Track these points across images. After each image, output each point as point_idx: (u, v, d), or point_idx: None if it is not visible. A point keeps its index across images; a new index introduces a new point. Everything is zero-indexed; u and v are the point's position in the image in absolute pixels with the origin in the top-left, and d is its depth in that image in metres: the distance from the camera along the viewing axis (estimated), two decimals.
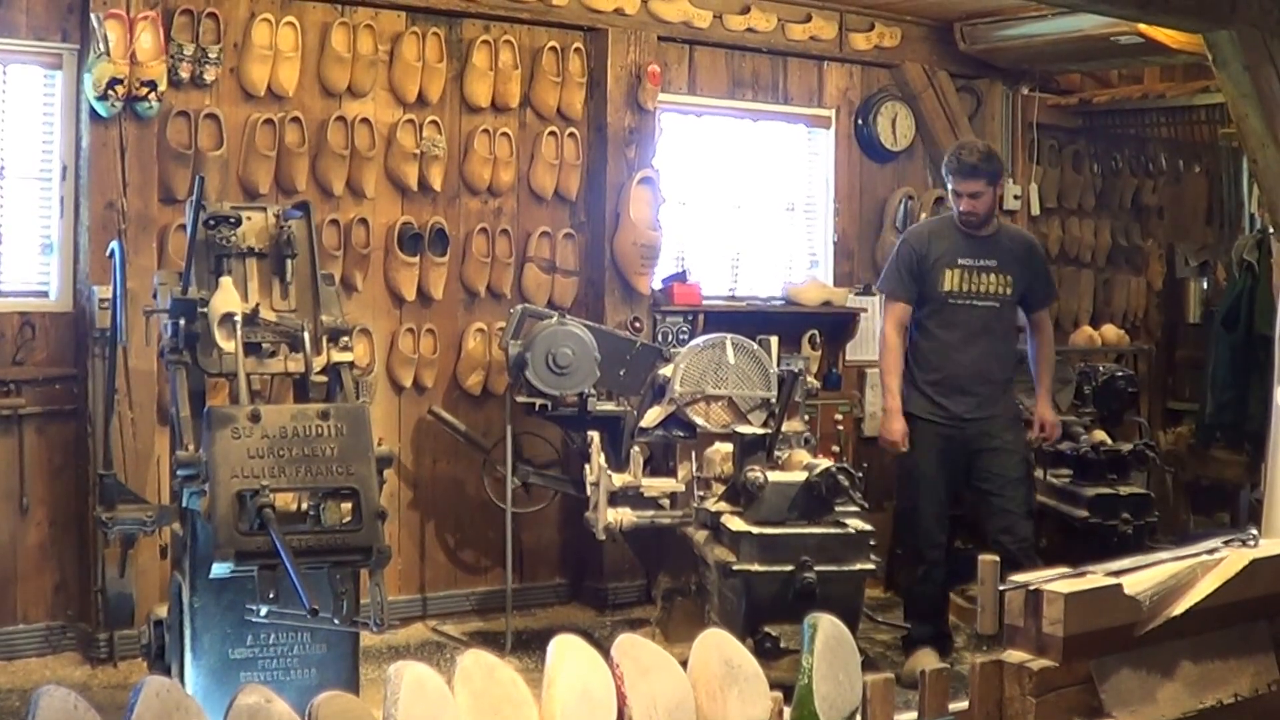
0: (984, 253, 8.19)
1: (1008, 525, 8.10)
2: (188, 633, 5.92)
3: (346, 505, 5.71)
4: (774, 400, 7.84)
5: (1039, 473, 9.19)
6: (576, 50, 9.45)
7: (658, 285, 9.77)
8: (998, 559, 4.10)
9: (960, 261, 8.18)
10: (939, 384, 8.21)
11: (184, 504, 5.92)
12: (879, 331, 8.55)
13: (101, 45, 7.66)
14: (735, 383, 8.01)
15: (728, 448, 7.58)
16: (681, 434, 8.05)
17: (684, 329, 9.68)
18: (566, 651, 3.68)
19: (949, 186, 8.27)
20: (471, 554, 9.39)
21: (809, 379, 8.29)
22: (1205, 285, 12.18)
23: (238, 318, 6.07)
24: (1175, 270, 12.39)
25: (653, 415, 8.08)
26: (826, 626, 3.97)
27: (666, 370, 8.11)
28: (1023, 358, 8.60)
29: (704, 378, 7.99)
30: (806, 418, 8.60)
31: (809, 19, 10.28)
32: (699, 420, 8.00)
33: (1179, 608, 4.11)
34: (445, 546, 9.31)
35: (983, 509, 8.33)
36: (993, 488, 8.18)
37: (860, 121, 10.79)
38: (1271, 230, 8.57)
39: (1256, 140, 8.03)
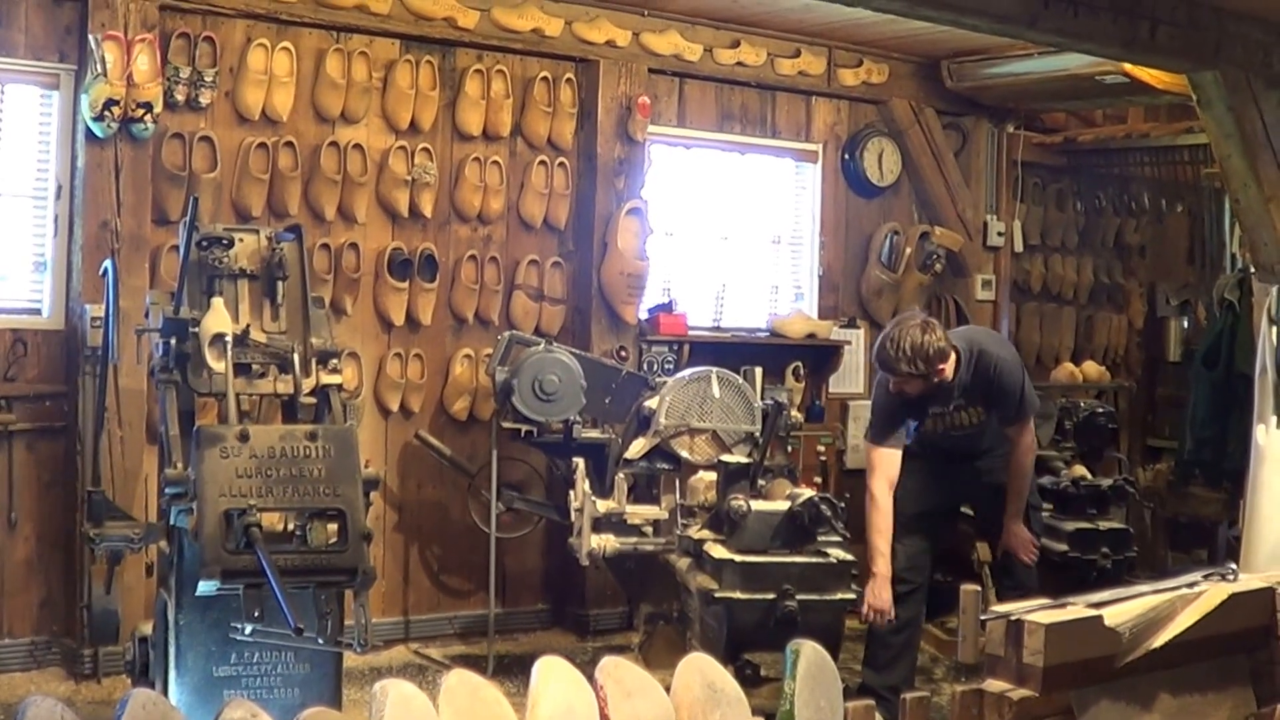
0: (950, 398, 7.88)
1: (1008, 567, 8.08)
2: (172, 650, 5.93)
3: (332, 526, 5.74)
4: (758, 434, 7.84)
5: None
6: (568, 81, 9.52)
7: (644, 315, 9.81)
8: (979, 589, 4.14)
9: (932, 410, 7.92)
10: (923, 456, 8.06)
11: (171, 522, 5.93)
12: (867, 488, 7.87)
13: (99, 66, 7.71)
14: (720, 416, 7.99)
15: (711, 476, 7.59)
16: (666, 466, 8.04)
17: (669, 359, 9.74)
18: (551, 673, 3.72)
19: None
20: (455, 578, 9.42)
21: (793, 413, 8.24)
22: (1186, 324, 12.23)
23: (228, 338, 6.08)
24: (1156, 309, 12.44)
25: (637, 447, 8.08)
26: (809, 653, 4.00)
27: (651, 402, 8.12)
28: None
29: (689, 411, 7.98)
30: (790, 449, 8.65)
31: (798, 54, 10.36)
32: (683, 453, 8.00)
33: (1158, 640, 4.16)
34: (429, 570, 9.34)
35: (991, 557, 8.37)
36: (993, 530, 8.16)
37: (847, 156, 10.85)
38: (1253, 270, 8.61)
39: (1239, 180, 8.11)
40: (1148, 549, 10.37)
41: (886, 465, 7.77)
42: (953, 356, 7.60)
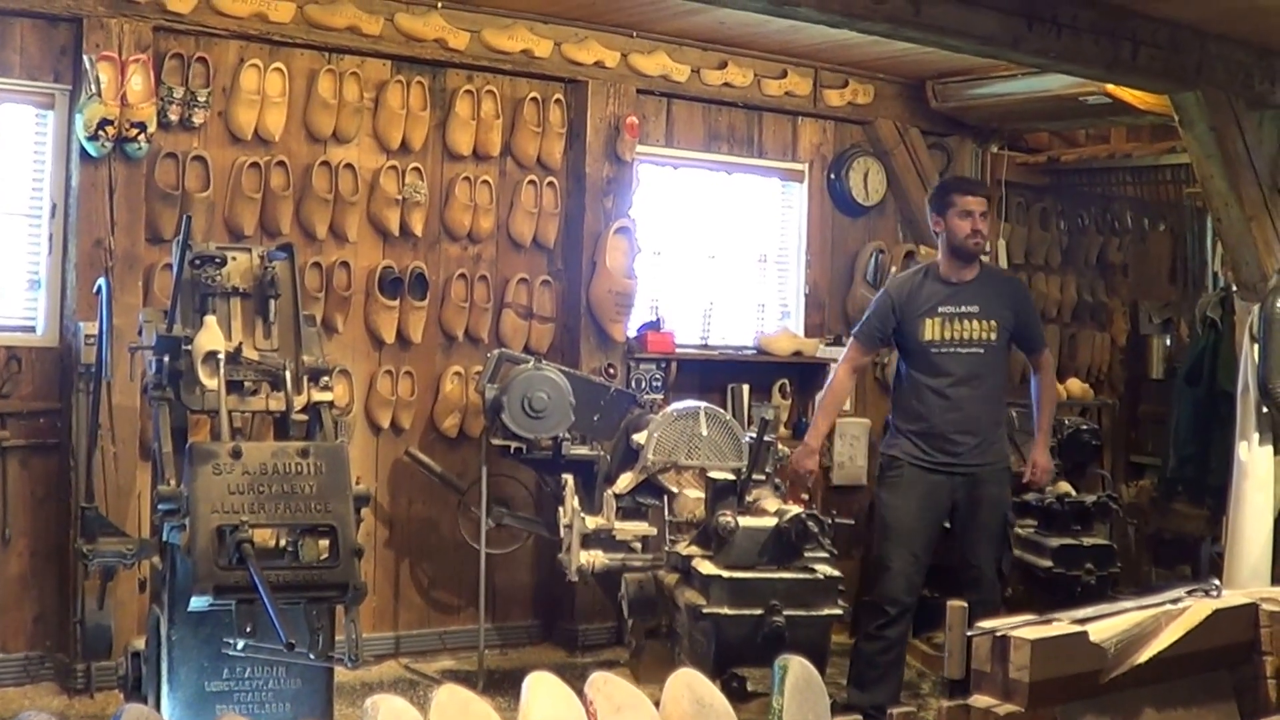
0: (965, 299, 8.02)
1: (974, 580, 7.98)
2: (164, 665, 5.95)
3: (324, 542, 5.75)
4: (744, 469, 7.62)
5: None
6: (557, 101, 9.57)
7: (632, 333, 9.83)
8: (966, 605, 4.17)
9: (940, 310, 8.00)
10: (923, 434, 8.03)
11: (164, 538, 5.95)
12: (834, 371, 8.50)
13: (93, 86, 7.73)
14: (707, 455, 7.93)
15: (699, 493, 7.64)
16: (654, 501, 8.06)
17: (657, 376, 9.79)
18: (541, 688, 3.76)
19: (950, 213, 8.06)
20: (445, 593, 9.45)
21: (780, 447, 8.14)
22: (1168, 342, 12.25)
23: (221, 356, 6.09)
24: (1139, 327, 12.46)
25: (625, 481, 8.07)
26: (797, 668, 4.02)
27: (639, 437, 8.11)
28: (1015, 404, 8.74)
29: (676, 448, 7.93)
30: (777, 465, 8.65)
31: (784, 75, 10.42)
32: (671, 488, 8.00)
33: (1143, 656, 4.18)
34: (419, 585, 9.37)
35: (955, 559, 8.24)
36: (968, 545, 8.09)
37: (833, 176, 10.89)
38: (1235, 288, 8.68)
39: (1221, 200, 8.20)
40: (1131, 565, 10.41)
41: (856, 358, 8.39)
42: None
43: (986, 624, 4.04)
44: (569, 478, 8.16)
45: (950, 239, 8.08)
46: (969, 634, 4.06)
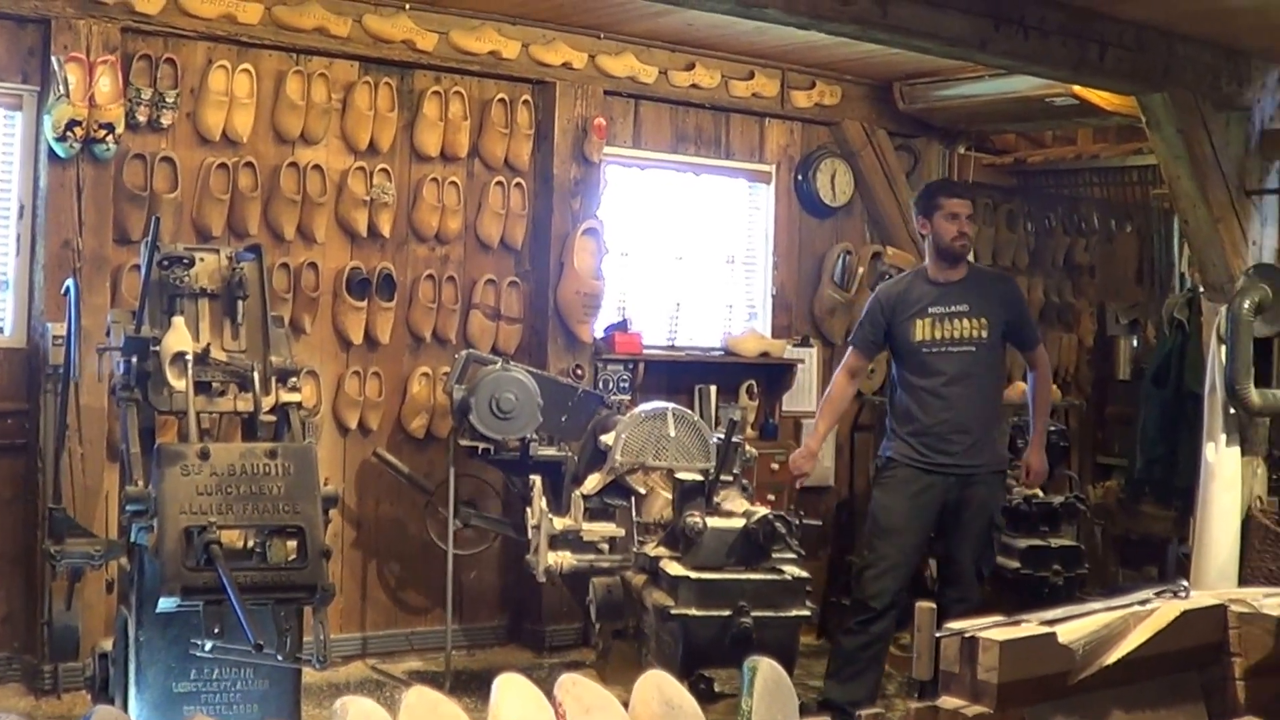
0: (954, 299, 8.08)
1: (954, 577, 8.12)
2: (132, 666, 5.93)
3: (292, 543, 5.73)
4: (711, 470, 7.68)
5: None
6: (525, 103, 9.56)
7: (599, 333, 9.82)
8: (934, 606, 4.18)
9: (930, 310, 8.07)
10: (918, 434, 8.06)
11: (132, 539, 5.92)
12: (833, 378, 8.60)
13: (61, 87, 7.71)
14: (675, 455, 7.94)
15: (667, 494, 7.67)
16: (622, 502, 8.06)
17: (624, 377, 9.76)
18: (510, 689, 3.75)
19: (936, 216, 8.13)
20: (412, 594, 9.44)
21: (748, 448, 8.15)
22: (1135, 343, 12.24)
23: (189, 357, 6.06)
24: (1106, 328, 12.46)
25: (593, 482, 8.07)
26: (766, 670, 4.02)
27: (607, 438, 8.11)
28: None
29: (644, 449, 7.94)
30: (744, 466, 8.65)
31: (752, 76, 10.42)
32: (639, 489, 8.01)
33: (1112, 657, 4.18)
34: (387, 586, 9.35)
35: (937, 559, 8.37)
36: (951, 543, 8.16)
37: (800, 177, 10.90)
38: (1201, 289, 8.69)
39: (1188, 201, 8.22)
40: (1099, 566, 10.44)
41: (853, 363, 8.41)
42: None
43: (955, 625, 4.03)
44: (537, 478, 8.16)
45: (937, 241, 8.15)
46: (937, 635, 4.05)
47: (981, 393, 8.12)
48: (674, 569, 6.91)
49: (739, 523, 7.01)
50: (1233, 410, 8.26)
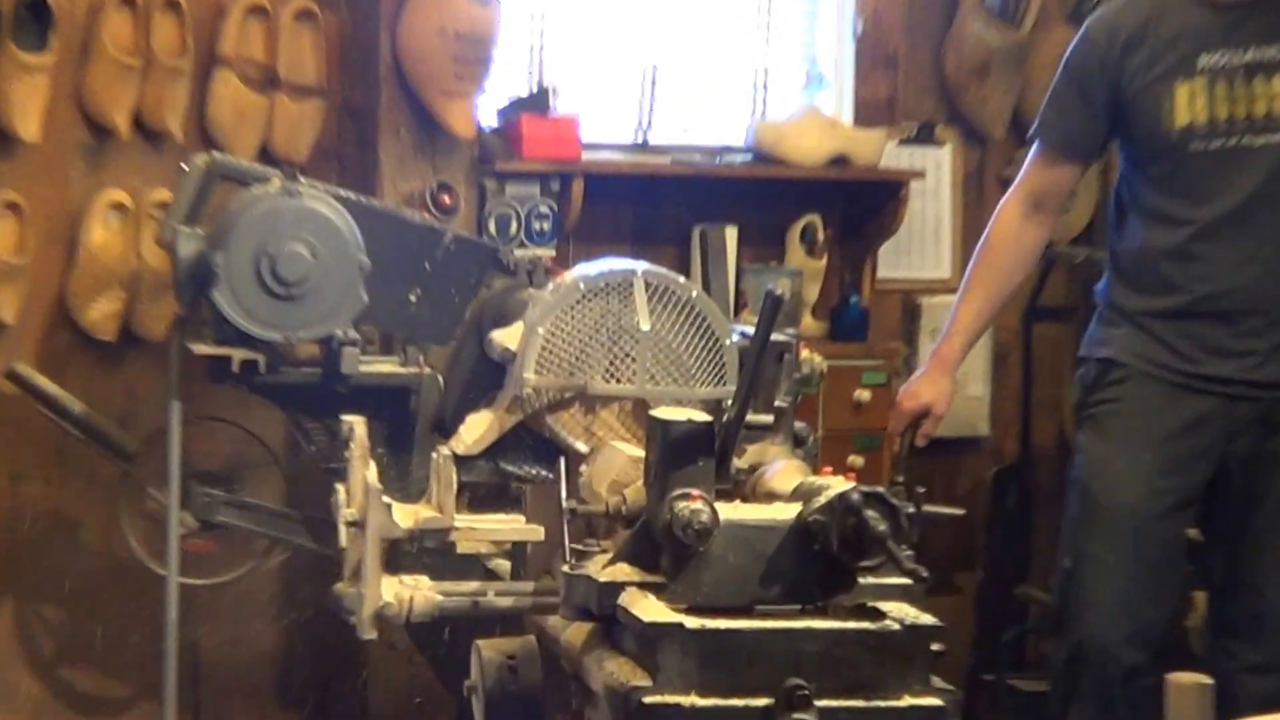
0: (1254, 34, 4.76)
1: (1248, 619, 4.97)
2: None
3: None
4: (728, 402, 4.27)
5: None
6: None
7: (490, 121, 5.98)
8: (1207, 680, 2.84)
9: (1202, 63, 4.80)
10: (1177, 314, 4.89)
11: None
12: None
13: None
14: (651, 371, 4.60)
15: (636, 451, 4.26)
16: (535, 470, 4.73)
17: (543, 209, 6.04)
18: None
19: None
20: (93, 673, 5.81)
21: (807, 356, 4.86)
22: None
23: None
24: None
25: (479, 428, 4.77)
26: None
27: (505, 337, 4.79)
28: None
29: (584, 359, 4.60)
30: (799, 396, 4.99)
31: None
32: (575, 441, 4.59)
33: None
34: (36, 658, 5.74)
35: (1211, 581, 5.31)
36: (1242, 548, 4.99)
37: None
38: None
39: None
40: None
41: (1033, 174, 5.27)
42: None
43: None
44: (358, 423, 4.68)
45: None
46: None
47: None
48: (650, 610, 3.74)
49: (787, 512, 3.74)
50: None
